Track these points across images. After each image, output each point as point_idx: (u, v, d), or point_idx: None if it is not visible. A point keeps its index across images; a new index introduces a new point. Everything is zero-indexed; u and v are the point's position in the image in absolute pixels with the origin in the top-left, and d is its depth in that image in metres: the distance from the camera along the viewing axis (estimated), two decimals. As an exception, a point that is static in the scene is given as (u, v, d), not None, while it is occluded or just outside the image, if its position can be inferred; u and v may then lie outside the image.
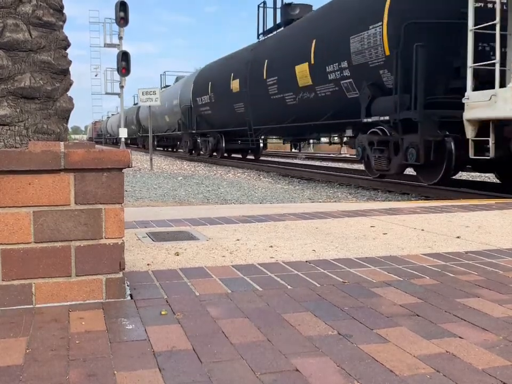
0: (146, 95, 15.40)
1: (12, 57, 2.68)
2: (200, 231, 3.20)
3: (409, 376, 1.29)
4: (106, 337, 1.52)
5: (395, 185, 9.43)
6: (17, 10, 2.70)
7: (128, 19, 17.44)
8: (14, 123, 2.69)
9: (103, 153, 1.79)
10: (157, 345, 1.46)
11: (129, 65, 17.56)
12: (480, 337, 1.54)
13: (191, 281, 2.09)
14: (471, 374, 1.30)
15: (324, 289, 2.01)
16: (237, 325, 1.62)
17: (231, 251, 2.64)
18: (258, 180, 12.15)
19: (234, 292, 1.96)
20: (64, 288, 1.81)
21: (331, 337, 1.53)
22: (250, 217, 3.84)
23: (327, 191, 9.65)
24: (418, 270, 2.30)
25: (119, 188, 1.83)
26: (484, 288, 2.04)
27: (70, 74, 2.96)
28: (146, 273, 2.20)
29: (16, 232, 1.74)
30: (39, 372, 1.29)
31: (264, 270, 2.28)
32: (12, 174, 1.72)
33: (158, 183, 10.82)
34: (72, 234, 1.80)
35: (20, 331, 1.56)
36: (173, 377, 1.27)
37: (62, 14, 2.91)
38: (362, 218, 3.80)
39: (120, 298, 1.86)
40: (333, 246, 2.79)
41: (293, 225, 3.49)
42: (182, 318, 1.68)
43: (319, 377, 1.28)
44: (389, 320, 1.67)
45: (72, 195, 1.78)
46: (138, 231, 3.19)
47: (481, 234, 3.18)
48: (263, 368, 1.32)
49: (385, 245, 2.83)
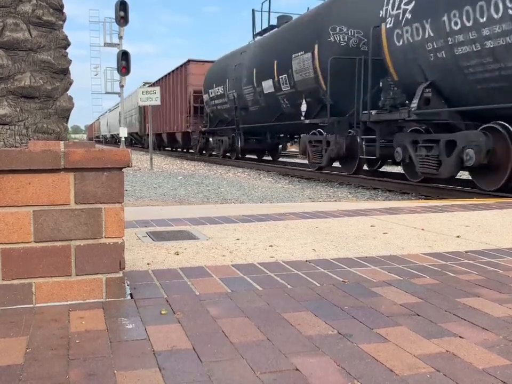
0: (146, 94, 15.40)
1: (11, 57, 2.68)
2: (200, 231, 3.20)
3: (409, 375, 1.28)
4: (107, 336, 1.52)
5: (395, 184, 9.44)
6: (17, 10, 2.69)
7: (128, 18, 17.41)
8: (14, 122, 2.68)
9: (103, 153, 1.79)
10: (157, 345, 1.46)
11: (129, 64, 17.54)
12: (480, 337, 1.54)
13: (191, 281, 2.09)
14: (471, 373, 1.30)
15: (324, 289, 2.01)
16: (237, 324, 1.62)
17: (231, 250, 2.64)
18: (259, 179, 12.15)
19: (234, 291, 1.96)
20: (64, 287, 1.81)
21: (331, 336, 1.53)
22: (250, 216, 3.84)
23: (327, 191, 9.65)
24: (418, 270, 2.30)
25: (119, 187, 1.83)
26: (484, 287, 2.04)
27: (70, 74, 2.96)
28: (146, 273, 2.20)
29: (16, 232, 1.74)
30: (39, 371, 1.29)
31: (264, 269, 2.28)
32: (12, 173, 1.72)
33: (158, 183, 10.82)
34: (72, 233, 1.79)
35: (20, 330, 1.56)
36: (173, 376, 1.27)
37: (62, 13, 2.91)
38: (363, 218, 3.80)
39: (120, 297, 1.86)
40: (333, 246, 2.79)
41: (293, 224, 3.49)
42: (182, 318, 1.68)
43: (319, 377, 1.28)
44: (389, 320, 1.67)
45: (72, 194, 1.78)
46: (138, 230, 3.19)
47: (481, 234, 3.18)
48: (263, 368, 1.32)
49: (385, 245, 2.83)
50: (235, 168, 16.00)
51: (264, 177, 12.73)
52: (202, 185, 10.37)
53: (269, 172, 14.53)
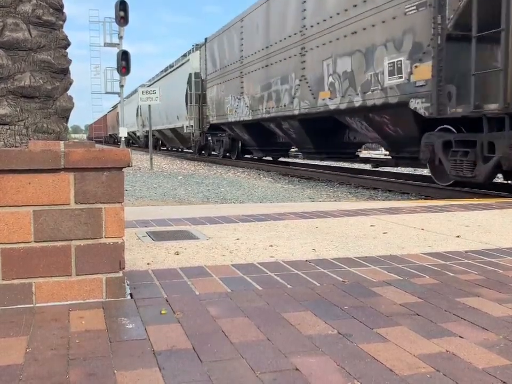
0: (146, 94, 15.38)
1: (11, 57, 2.68)
2: (200, 230, 3.20)
3: (409, 375, 1.28)
4: (107, 336, 1.52)
5: (395, 184, 9.44)
6: (17, 10, 2.70)
7: (128, 18, 17.41)
8: (14, 122, 2.68)
9: (103, 153, 1.79)
10: (157, 345, 1.46)
11: (129, 64, 17.54)
12: (480, 337, 1.54)
13: (191, 281, 2.09)
14: (471, 373, 1.30)
15: (324, 289, 2.01)
16: (237, 324, 1.62)
17: (231, 250, 2.64)
18: (258, 179, 12.15)
19: (234, 291, 1.96)
20: (64, 287, 1.81)
21: (331, 336, 1.53)
22: (250, 216, 3.84)
23: (327, 190, 9.65)
24: (418, 269, 2.30)
25: (119, 187, 1.83)
26: (483, 287, 2.04)
27: (70, 74, 2.96)
28: (146, 273, 2.20)
29: (16, 232, 1.74)
30: (39, 371, 1.29)
31: (264, 269, 2.28)
32: (12, 173, 1.72)
33: (158, 182, 10.82)
34: (72, 233, 1.79)
35: (20, 330, 1.56)
36: (173, 376, 1.27)
37: (62, 13, 2.91)
38: (362, 218, 3.80)
39: (120, 297, 1.86)
40: (333, 245, 2.79)
41: (293, 224, 3.49)
42: (182, 317, 1.68)
43: (319, 377, 1.28)
44: (389, 320, 1.67)
45: (72, 194, 1.78)
46: (138, 230, 3.19)
47: (481, 234, 3.18)
48: (263, 367, 1.32)
49: (385, 244, 2.83)
50: (235, 168, 15.99)
51: (264, 177, 12.73)
52: (202, 185, 10.37)
53: (269, 171, 14.52)
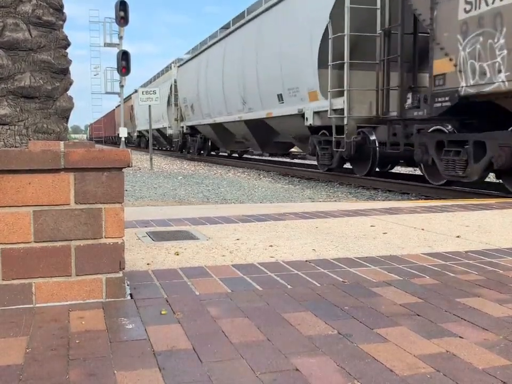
0: (146, 94, 15.37)
1: (11, 57, 2.68)
2: (200, 231, 3.20)
3: (409, 375, 1.28)
4: (106, 336, 1.52)
5: (395, 184, 9.44)
6: (17, 10, 2.69)
7: (128, 18, 17.43)
8: (14, 122, 2.68)
9: (103, 153, 1.78)
10: (157, 345, 1.46)
11: (129, 64, 17.56)
12: (480, 337, 1.53)
13: (191, 281, 2.09)
14: (471, 373, 1.30)
15: (324, 289, 2.01)
16: (237, 325, 1.62)
17: (231, 250, 2.64)
18: (259, 179, 12.15)
19: (234, 292, 1.96)
20: (64, 287, 1.81)
21: (331, 336, 1.53)
22: (250, 216, 3.84)
23: (327, 191, 9.65)
24: (418, 270, 2.30)
25: (119, 187, 1.83)
26: (484, 287, 2.04)
27: (70, 74, 2.96)
28: (146, 273, 2.20)
29: (16, 232, 1.74)
30: (39, 372, 1.29)
31: (264, 269, 2.28)
32: (12, 173, 1.72)
33: (158, 183, 10.82)
34: (72, 233, 1.79)
35: (19, 330, 1.56)
36: (173, 376, 1.27)
37: (62, 13, 2.91)
38: (362, 218, 3.80)
39: (120, 297, 1.86)
40: (333, 246, 2.79)
41: (293, 224, 3.49)
42: (182, 318, 1.68)
43: (319, 377, 1.27)
44: (389, 320, 1.67)
45: (72, 194, 1.78)
46: (138, 230, 3.19)
47: (481, 234, 3.18)
48: (263, 368, 1.32)
49: (385, 245, 2.83)
50: (235, 168, 16.00)
51: (264, 177, 12.73)
52: (202, 185, 10.37)
53: (269, 172, 14.53)
